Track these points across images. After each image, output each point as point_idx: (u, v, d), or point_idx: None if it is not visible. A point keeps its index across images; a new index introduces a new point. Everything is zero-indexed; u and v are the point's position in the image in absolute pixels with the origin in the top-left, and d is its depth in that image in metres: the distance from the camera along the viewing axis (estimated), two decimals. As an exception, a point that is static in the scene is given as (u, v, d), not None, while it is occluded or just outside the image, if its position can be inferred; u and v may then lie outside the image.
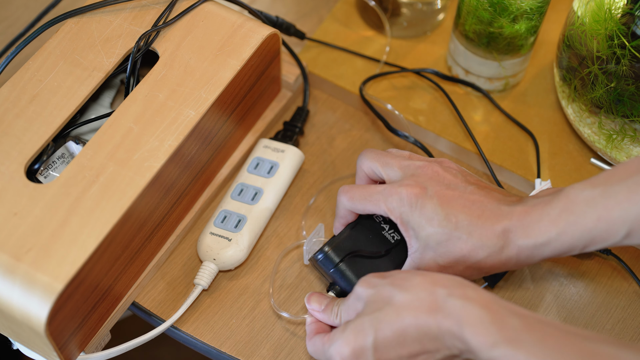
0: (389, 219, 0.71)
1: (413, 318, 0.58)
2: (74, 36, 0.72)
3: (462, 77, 0.84)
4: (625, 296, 0.75)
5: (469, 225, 0.63)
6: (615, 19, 0.69)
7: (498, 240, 0.63)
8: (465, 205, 0.64)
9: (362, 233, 0.71)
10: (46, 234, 0.62)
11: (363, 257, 0.70)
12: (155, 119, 0.68)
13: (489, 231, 0.63)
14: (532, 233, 0.62)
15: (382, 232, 0.71)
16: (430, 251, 0.65)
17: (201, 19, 0.74)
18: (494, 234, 0.63)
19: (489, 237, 0.63)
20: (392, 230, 0.71)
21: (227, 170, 0.79)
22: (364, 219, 0.72)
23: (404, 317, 0.59)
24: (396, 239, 0.71)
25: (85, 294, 0.64)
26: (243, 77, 0.73)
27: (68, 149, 0.71)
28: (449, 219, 0.64)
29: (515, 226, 0.63)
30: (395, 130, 0.79)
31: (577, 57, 0.75)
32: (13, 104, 0.68)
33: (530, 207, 0.63)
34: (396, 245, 0.71)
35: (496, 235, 0.63)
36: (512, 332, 0.55)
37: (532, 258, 0.63)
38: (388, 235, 0.71)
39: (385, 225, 0.72)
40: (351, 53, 0.86)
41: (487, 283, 0.73)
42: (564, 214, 0.61)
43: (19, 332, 0.64)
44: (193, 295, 0.72)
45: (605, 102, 0.74)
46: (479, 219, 0.63)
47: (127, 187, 0.65)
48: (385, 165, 0.69)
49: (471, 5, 0.76)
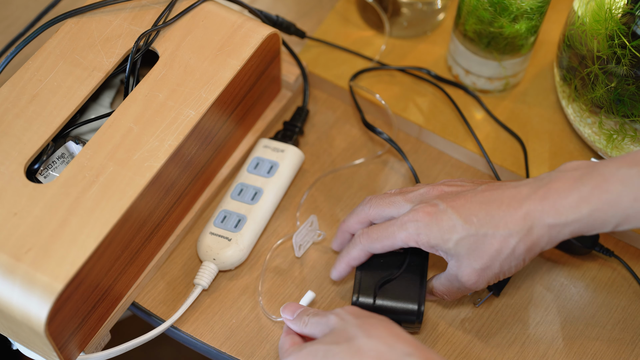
0: None
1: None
2: (73, 36, 0.72)
3: (462, 78, 0.84)
4: (625, 296, 0.75)
5: (491, 219, 0.63)
6: (615, 18, 0.69)
7: (524, 222, 0.62)
8: (482, 202, 0.64)
9: (372, 264, 0.71)
10: (46, 234, 0.62)
11: (389, 281, 0.70)
12: (155, 118, 0.68)
13: (513, 217, 0.62)
14: (562, 210, 0.61)
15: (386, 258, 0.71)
16: (464, 260, 0.64)
17: (201, 19, 0.74)
18: (518, 218, 0.62)
19: (514, 222, 0.62)
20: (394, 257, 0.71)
21: (227, 170, 0.79)
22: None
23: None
24: (403, 248, 0.71)
25: (85, 294, 0.64)
26: (243, 77, 0.73)
27: (68, 148, 0.71)
28: (470, 221, 0.63)
29: (541, 205, 0.62)
30: (372, 126, 0.79)
31: (578, 57, 0.75)
32: (13, 103, 0.68)
33: (555, 181, 0.62)
34: (407, 254, 0.71)
35: (521, 219, 0.62)
36: None
37: (563, 234, 0.62)
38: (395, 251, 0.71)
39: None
40: (351, 53, 0.86)
41: (491, 292, 0.73)
42: (597, 191, 0.60)
43: (19, 332, 0.64)
44: (193, 295, 0.72)
45: (605, 102, 0.74)
46: (499, 209, 0.63)
47: (127, 187, 0.65)
48: (391, 205, 0.68)
49: (471, 5, 0.76)
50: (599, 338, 0.72)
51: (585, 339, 0.72)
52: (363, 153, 0.82)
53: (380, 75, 0.85)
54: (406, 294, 0.69)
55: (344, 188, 0.80)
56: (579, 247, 0.74)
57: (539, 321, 0.73)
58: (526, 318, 0.73)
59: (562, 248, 0.76)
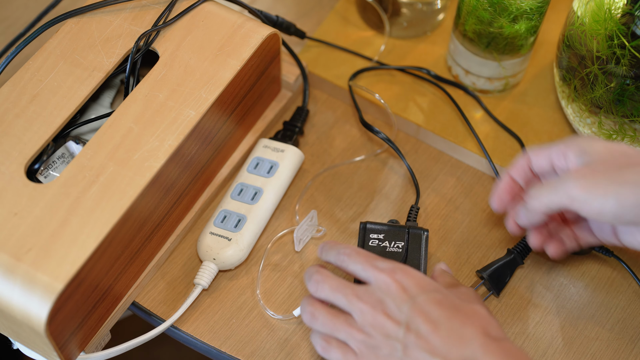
0: (386, 234, 0.73)
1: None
2: (74, 36, 0.72)
3: (462, 78, 0.84)
4: (625, 296, 0.74)
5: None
6: (615, 19, 0.69)
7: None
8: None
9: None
10: (46, 234, 0.62)
11: None
12: (155, 119, 0.68)
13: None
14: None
15: (387, 250, 0.72)
16: None
17: (201, 19, 0.74)
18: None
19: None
20: (393, 243, 0.72)
21: (227, 170, 0.79)
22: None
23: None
24: (402, 246, 0.72)
25: (85, 293, 0.64)
26: (243, 77, 0.73)
27: (68, 149, 0.71)
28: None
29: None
30: (370, 126, 0.79)
31: (577, 57, 0.75)
32: (13, 103, 0.68)
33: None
34: (407, 251, 0.72)
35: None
36: None
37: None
38: (393, 248, 0.72)
39: (385, 242, 0.72)
40: (351, 53, 0.86)
41: (491, 292, 0.73)
42: None
43: (19, 332, 0.64)
44: (193, 295, 0.72)
45: (605, 102, 0.74)
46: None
47: (127, 187, 0.65)
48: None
49: (471, 6, 0.76)
50: (598, 338, 0.72)
51: (584, 339, 0.72)
52: (363, 153, 0.82)
53: (380, 75, 0.85)
54: None
55: (344, 188, 0.80)
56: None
57: (538, 321, 0.73)
58: (526, 318, 0.73)
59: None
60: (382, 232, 0.73)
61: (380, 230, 0.73)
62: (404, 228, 0.73)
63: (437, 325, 0.58)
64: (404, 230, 0.73)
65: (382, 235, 0.72)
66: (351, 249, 0.64)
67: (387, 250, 0.71)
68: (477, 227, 0.78)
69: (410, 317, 0.59)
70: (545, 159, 0.66)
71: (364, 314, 0.60)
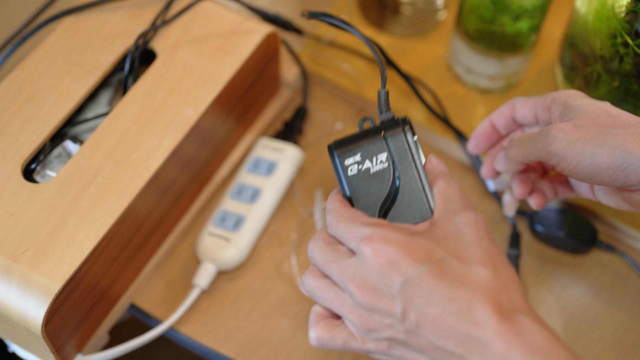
0: (362, 151, 0.58)
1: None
2: (71, 34, 0.72)
3: (464, 76, 0.83)
4: (628, 297, 0.74)
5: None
6: (618, 17, 0.69)
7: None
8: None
9: (359, 194, 0.57)
10: (43, 234, 0.62)
11: (388, 206, 0.57)
12: (154, 118, 0.68)
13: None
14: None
15: (372, 173, 0.57)
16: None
17: (200, 18, 0.74)
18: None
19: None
20: (375, 159, 0.57)
21: (226, 170, 0.78)
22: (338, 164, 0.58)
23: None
24: (386, 158, 0.57)
25: (82, 295, 0.64)
26: (242, 76, 0.73)
27: (65, 148, 0.71)
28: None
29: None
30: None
31: (580, 56, 0.75)
32: (10, 102, 0.68)
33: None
34: (394, 164, 0.57)
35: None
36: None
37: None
38: (378, 166, 0.57)
39: (366, 162, 0.58)
40: (351, 51, 0.86)
41: None
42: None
43: (16, 334, 0.64)
44: (192, 296, 0.72)
45: (608, 100, 0.73)
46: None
47: (125, 187, 0.64)
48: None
49: (473, 4, 0.76)
50: (601, 339, 0.72)
51: (587, 341, 0.72)
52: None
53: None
54: (415, 208, 0.57)
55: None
56: (577, 245, 0.74)
57: (540, 322, 0.73)
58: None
59: (561, 247, 0.75)
60: (356, 150, 0.58)
61: (352, 149, 0.58)
62: (379, 130, 0.57)
63: (441, 310, 0.51)
64: (380, 134, 0.57)
65: (358, 155, 0.58)
66: (332, 214, 0.56)
67: (372, 172, 0.57)
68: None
69: (405, 300, 0.52)
70: (530, 110, 0.67)
71: (353, 296, 0.53)
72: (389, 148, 0.57)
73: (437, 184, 0.56)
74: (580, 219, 0.75)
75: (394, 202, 0.57)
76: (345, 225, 0.55)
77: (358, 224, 0.54)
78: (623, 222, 0.75)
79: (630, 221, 0.75)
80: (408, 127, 0.57)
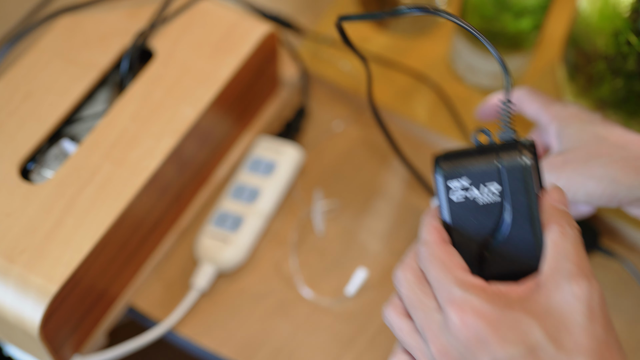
0: (472, 175, 0.50)
1: None
2: (68, 33, 0.72)
3: (465, 75, 0.83)
4: (631, 300, 0.74)
5: None
6: (622, 15, 0.69)
7: None
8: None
9: (460, 230, 0.50)
10: (40, 235, 0.62)
11: (490, 246, 0.50)
12: (152, 117, 0.68)
13: None
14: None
15: (480, 204, 0.50)
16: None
17: (198, 16, 0.74)
18: None
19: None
20: (484, 187, 0.50)
21: (225, 170, 0.78)
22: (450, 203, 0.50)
23: None
24: (498, 191, 0.49)
25: (80, 296, 0.64)
26: (241, 75, 0.73)
27: (63, 148, 0.71)
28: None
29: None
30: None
31: (583, 55, 0.75)
32: (6, 102, 0.68)
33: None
34: (506, 203, 0.49)
35: None
36: None
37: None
38: (486, 197, 0.50)
39: (473, 189, 0.50)
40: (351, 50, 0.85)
41: None
42: None
43: (12, 335, 0.64)
44: (190, 297, 0.72)
45: (611, 99, 0.73)
46: None
47: (123, 187, 0.64)
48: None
49: (474, 2, 0.76)
50: (604, 341, 0.71)
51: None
52: (363, 152, 0.81)
53: (380, 74, 0.84)
54: (520, 254, 0.49)
55: (342, 185, 0.79)
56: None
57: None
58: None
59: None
60: (465, 172, 0.50)
61: (461, 169, 0.50)
62: (494, 151, 0.49)
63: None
64: (495, 156, 0.49)
65: (466, 179, 0.50)
66: (426, 248, 0.49)
67: (479, 203, 0.49)
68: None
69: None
70: (534, 112, 0.68)
71: (433, 355, 0.48)
72: (501, 178, 0.49)
73: (551, 231, 0.48)
74: (581, 222, 0.75)
75: (497, 240, 0.50)
76: (437, 272, 0.48)
77: (451, 279, 0.47)
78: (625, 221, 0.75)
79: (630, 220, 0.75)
80: (530, 154, 0.49)
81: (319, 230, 0.77)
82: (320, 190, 0.78)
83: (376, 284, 0.74)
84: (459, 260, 0.48)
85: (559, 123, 0.66)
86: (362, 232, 0.77)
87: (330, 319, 0.72)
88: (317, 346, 0.71)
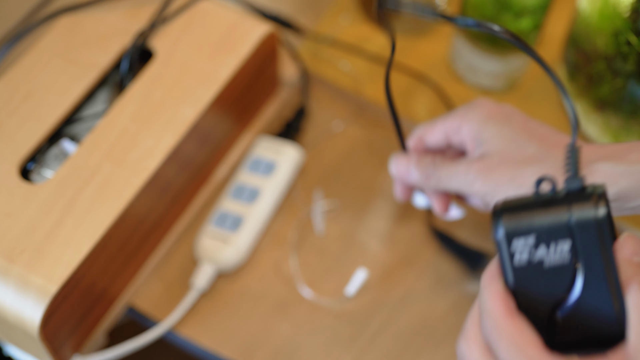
0: (537, 232, 0.44)
1: None
2: (68, 33, 0.72)
3: (465, 75, 0.83)
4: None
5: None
6: (622, 15, 0.69)
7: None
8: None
9: (526, 282, 0.44)
10: (40, 235, 0.62)
11: (564, 307, 0.44)
12: (152, 117, 0.68)
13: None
14: (626, 159, 0.55)
15: (546, 268, 0.44)
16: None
17: (198, 16, 0.73)
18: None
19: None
20: (553, 246, 0.44)
21: (225, 170, 0.78)
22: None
23: None
24: (568, 250, 0.44)
25: (79, 296, 0.63)
26: (241, 75, 0.73)
27: (63, 148, 0.71)
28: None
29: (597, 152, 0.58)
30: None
31: (583, 55, 0.75)
32: (6, 102, 0.68)
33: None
34: (579, 263, 0.44)
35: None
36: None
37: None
38: (555, 258, 0.44)
39: (540, 248, 0.44)
40: (351, 50, 0.85)
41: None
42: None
43: (12, 335, 0.64)
44: (190, 298, 0.71)
45: (611, 100, 0.73)
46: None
47: (122, 187, 0.64)
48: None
49: (474, 2, 0.76)
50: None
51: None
52: (363, 152, 0.81)
53: (380, 73, 0.84)
54: (599, 320, 0.44)
55: (342, 185, 0.79)
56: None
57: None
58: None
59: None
60: (531, 228, 0.44)
61: (526, 225, 0.44)
62: (563, 204, 0.44)
63: None
64: (564, 210, 0.43)
65: (531, 237, 0.44)
66: (492, 321, 0.43)
67: (547, 265, 0.44)
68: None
69: None
70: (440, 136, 0.65)
71: None
72: (573, 235, 0.43)
73: (632, 292, 0.42)
74: None
75: (570, 303, 0.44)
76: (508, 352, 0.42)
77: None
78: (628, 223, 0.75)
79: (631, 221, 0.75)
80: (604, 205, 0.43)
81: (319, 230, 0.77)
82: (320, 190, 0.78)
83: (376, 284, 0.74)
84: (532, 336, 0.42)
85: (472, 125, 0.62)
86: (362, 232, 0.77)
87: (330, 319, 0.72)
88: (317, 346, 0.71)
